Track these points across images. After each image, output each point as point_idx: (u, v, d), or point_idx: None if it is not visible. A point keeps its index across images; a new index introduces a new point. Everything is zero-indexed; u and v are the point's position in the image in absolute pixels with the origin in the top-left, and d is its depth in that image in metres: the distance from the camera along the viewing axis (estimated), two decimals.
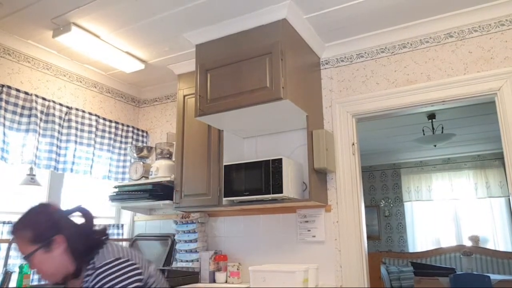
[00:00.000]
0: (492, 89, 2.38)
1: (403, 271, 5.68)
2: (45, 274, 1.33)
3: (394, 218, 6.84)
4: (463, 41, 2.52)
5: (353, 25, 2.63)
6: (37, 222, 1.34)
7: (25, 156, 2.64)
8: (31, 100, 2.71)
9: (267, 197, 2.40)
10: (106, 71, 3.32)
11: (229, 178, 2.56)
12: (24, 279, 2.38)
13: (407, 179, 6.81)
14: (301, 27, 2.53)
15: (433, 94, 2.51)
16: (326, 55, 2.90)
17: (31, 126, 2.69)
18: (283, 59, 2.29)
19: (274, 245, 2.80)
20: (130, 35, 2.73)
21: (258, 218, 2.91)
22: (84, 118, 3.09)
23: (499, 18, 2.43)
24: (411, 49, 2.65)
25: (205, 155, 2.83)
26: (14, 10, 2.44)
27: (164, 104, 3.66)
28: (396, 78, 2.66)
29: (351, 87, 2.79)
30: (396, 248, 6.70)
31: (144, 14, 2.48)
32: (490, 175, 6.22)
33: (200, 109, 2.52)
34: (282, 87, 2.25)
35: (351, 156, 2.67)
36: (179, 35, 2.71)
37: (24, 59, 2.82)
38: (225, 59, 2.49)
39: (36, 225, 1.33)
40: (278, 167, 2.38)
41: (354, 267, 2.52)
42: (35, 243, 1.30)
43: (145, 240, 3.31)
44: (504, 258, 5.76)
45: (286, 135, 2.85)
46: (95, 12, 2.45)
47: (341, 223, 2.60)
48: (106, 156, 3.24)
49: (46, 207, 1.42)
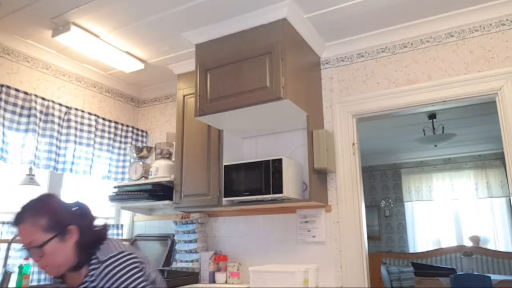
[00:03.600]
0: (493, 89, 2.37)
1: (404, 272, 5.67)
2: (52, 266, 1.27)
3: (395, 218, 6.84)
4: (464, 41, 2.51)
5: (354, 25, 2.62)
6: (54, 209, 1.29)
7: (25, 156, 2.64)
8: (31, 100, 2.70)
9: (267, 197, 2.39)
10: (105, 70, 3.32)
11: (229, 178, 2.55)
12: (24, 279, 2.38)
13: (408, 179, 6.81)
14: (301, 27, 2.52)
15: (434, 94, 2.50)
16: (326, 55, 2.89)
17: (30, 126, 2.68)
18: (283, 59, 2.28)
19: (274, 246, 2.79)
20: (130, 35, 2.72)
21: (258, 218, 2.90)
22: (83, 118, 3.08)
23: (500, 18, 2.42)
24: (412, 49, 2.64)
25: (205, 155, 2.82)
26: (14, 9, 2.43)
27: (164, 104, 3.65)
28: (396, 78, 2.65)
29: (352, 87, 2.78)
30: (397, 248, 6.69)
31: (143, 13, 2.47)
32: (491, 175, 6.21)
33: (200, 109, 2.52)
34: (282, 87, 2.24)
35: (352, 156, 2.66)
36: (179, 35, 2.70)
37: (23, 58, 2.82)
38: (225, 58, 2.48)
39: (53, 212, 1.28)
40: (278, 167, 2.37)
41: (354, 267, 2.51)
42: (50, 231, 1.24)
43: (144, 240, 3.31)
44: (504, 258, 5.75)
45: (286, 135, 2.84)
46: (95, 12, 2.44)
47: (341, 223, 2.59)
48: (106, 156, 3.23)
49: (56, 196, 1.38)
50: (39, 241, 1.23)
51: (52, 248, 1.24)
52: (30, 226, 1.24)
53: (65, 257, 1.27)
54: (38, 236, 1.23)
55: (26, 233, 1.24)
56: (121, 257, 1.26)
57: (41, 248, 1.23)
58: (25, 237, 1.24)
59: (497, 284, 4.50)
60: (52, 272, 1.29)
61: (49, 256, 1.24)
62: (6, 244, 2.44)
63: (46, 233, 1.24)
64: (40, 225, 1.24)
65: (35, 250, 1.24)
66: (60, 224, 1.27)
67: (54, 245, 1.24)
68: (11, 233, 2.54)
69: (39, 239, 1.23)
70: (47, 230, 1.24)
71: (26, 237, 1.24)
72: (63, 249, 1.26)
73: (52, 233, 1.25)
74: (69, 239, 1.28)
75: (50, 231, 1.24)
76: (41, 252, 1.23)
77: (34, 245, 1.23)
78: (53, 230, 1.25)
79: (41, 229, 1.24)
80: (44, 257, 1.24)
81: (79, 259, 1.29)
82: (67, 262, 1.27)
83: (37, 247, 1.23)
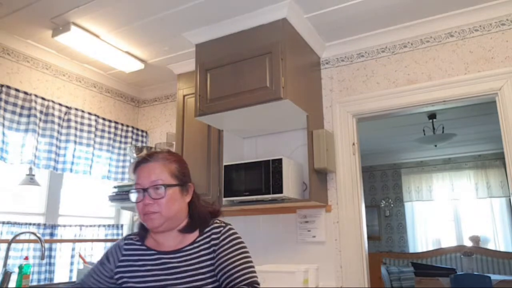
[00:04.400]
0: (493, 89, 2.37)
1: (404, 272, 5.67)
2: (165, 213, 1.19)
3: (395, 218, 6.83)
4: (464, 41, 2.51)
5: (354, 25, 2.62)
6: (184, 163, 1.32)
7: (25, 156, 2.64)
8: (30, 100, 2.70)
9: (267, 197, 2.39)
10: (105, 70, 3.32)
11: (229, 178, 2.55)
12: (24, 279, 2.37)
13: (408, 179, 6.80)
14: (301, 27, 2.52)
15: (434, 94, 2.50)
16: (326, 55, 2.89)
17: (30, 126, 2.68)
18: (283, 59, 2.28)
19: (274, 246, 2.79)
20: (130, 35, 2.72)
21: (258, 218, 2.90)
22: (83, 118, 3.08)
23: (500, 18, 2.42)
24: (412, 49, 2.64)
25: (205, 155, 2.82)
26: (14, 9, 2.43)
27: (164, 104, 3.65)
28: (396, 78, 2.65)
29: (352, 87, 2.78)
30: (397, 248, 6.69)
31: (143, 13, 2.47)
32: (491, 175, 6.21)
33: (200, 109, 2.52)
34: (282, 87, 2.24)
35: (352, 156, 2.66)
36: (179, 35, 2.70)
37: (23, 58, 2.82)
38: (225, 58, 2.48)
39: (183, 163, 1.31)
40: (278, 167, 2.37)
41: (354, 267, 2.51)
42: (176, 179, 1.24)
43: None
44: (504, 258, 5.75)
45: (286, 135, 2.84)
46: (95, 12, 2.44)
47: (341, 223, 2.59)
48: (106, 156, 3.23)
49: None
50: (166, 181, 1.21)
51: (174, 194, 1.22)
52: (161, 165, 1.23)
53: (181, 209, 1.24)
54: (165, 177, 1.22)
55: (155, 171, 1.22)
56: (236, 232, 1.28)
57: (165, 189, 1.20)
58: (152, 175, 1.21)
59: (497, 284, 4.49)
60: (158, 221, 1.19)
61: (168, 200, 1.20)
62: (6, 244, 2.44)
63: (172, 178, 1.23)
64: (171, 170, 1.24)
65: (156, 191, 1.19)
66: (185, 177, 1.28)
67: (175, 193, 1.22)
68: (11, 233, 2.54)
69: (166, 180, 1.21)
70: (173, 176, 1.24)
71: (154, 174, 1.21)
72: (182, 200, 1.25)
73: (177, 181, 1.24)
74: (187, 195, 1.27)
75: (175, 179, 1.24)
76: (162, 194, 1.19)
77: (161, 183, 1.20)
78: (178, 179, 1.25)
79: (168, 173, 1.23)
80: (161, 200, 1.19)
81: (192, 220, 1.27)
82: (179, 216, 1.24)
83: (162, 186, 1.19)
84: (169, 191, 1.20)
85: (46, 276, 2.74)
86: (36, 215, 2.86)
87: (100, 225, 3.21)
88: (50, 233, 2.82)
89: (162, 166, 1.23)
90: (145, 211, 1.19)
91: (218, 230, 1.24)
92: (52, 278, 2.79)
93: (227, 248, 1.21)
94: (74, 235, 2.99)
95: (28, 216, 2.79)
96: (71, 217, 3.08)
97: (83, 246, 3.03)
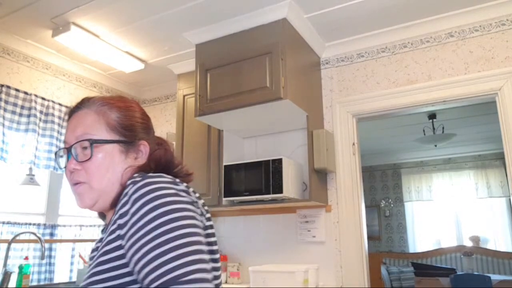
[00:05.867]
0: (493, 89, 2.37)
1: (404, 272, 5.67)
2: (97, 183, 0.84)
3: (395, 218, 6.83)
4: (464, 41, 2.51)
5: (354, 25, 2.62)
6: (134, 111, 0.94)
7: (25, 156, 2.64)
8: (31, 100, 2.71)
9: (267, 197, 2.39)
10: (105, 70, 3.32)
11: (229, 178, 2.55)
12: (24, 279, 2.38)
13: (408, 179, 6.80)
14: (301, 27, 2.52)
15: (434, 94, 2.50)
16: (326, 55, 2.89)
17: (30, 126, 2.68)
18: (283, 59, 2.28)
19: (274, 246, 2.79)
20: (130, 35, 2.72)
21: (258, 218, 2.90)
22: None
23: (500, 18, 2.42)
24: (412, 49, 2.64)
25: (205, 155, 2.82)
26: (14, 9, 2.43)
27: (164, 104, 3.65)
28: (396, 78, 2.65)
29: (352, 87, 2.78)
30: (397, 249, 6.69)
31: (144, 13, 2.47)
32: (491, 175, 6.21)
33: (200, 109, 2.52)
34: (282, 87, 2.24)
35: (352, 156, 2.66)
36: (179, 35, 2.70)
37: (23, 58, 2.82)
38: (225, 58, 2.48)
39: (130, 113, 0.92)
40: (278, 167, 2.37)
41: (354, 267, 2.51)
42: (116, 133, 0.86)
43: None
44: (504, 258, 5.74)
45: (286, 135, 2.84)
46: (95, 12, 2.44)
47: (341, 223, 2.59)
48: None
49: None
50: (98, 135, 0.85)
51: (108, 155, 0.85)
52: (94, 113, 0.89)
53: (121, 178, 0.84)
54: (99, 131, 0.86)
55: (85, 122, 0.88)
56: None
57: (91, 147, 0.84)
58: (79, 127, 0.88)
59: (497, 284, 4.49)
60: (87, 197, 0.84)
61: (100, 164, 0.84)
62: (6, 244, 2.44)
63: (110, 131, 0.87)
64: (108, 119, 0.88)
65: (83, 151, 0.85)
66: (132, 131, 0.90)
67: (113, 153, 0.86)
68: (11, 233, 2.54)
69: (98, 134, 0.86)
70: (113, 128, 0.87)
71: (82, 127, 0.87)
72: (124, 164, 0.86)
73: (118, 136, 0.87)
74: (136, 157, 0.89)
75: (115, 133, 0.87)
76: (88, 154, 0.84)
77: (88, 138, 0.84)
78: (120, 133, 0.88)
79: (106, 124, 0.87)
80: (87, 164, 0.84)
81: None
82: (119, 189, 0.83)
83: (88, 141, 0.84)
84: (98, 150, 0.83)
85: (46, 276, 2.74)
86: (36, 215, 2.86)
87: (100, 225, 3.21)
88: (50, 233, 2.82)
89: (95, 114, 0.87)
90: (72, 181, 0.85)
91: (124, 200, 0.74)
92: (52, 278, 2.79)
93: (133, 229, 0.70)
94: (74, 235, 2.99)
95: (28, 216, 2.79)
96: (71, 217, 3.08)
97: (83, 246, 3.03)
